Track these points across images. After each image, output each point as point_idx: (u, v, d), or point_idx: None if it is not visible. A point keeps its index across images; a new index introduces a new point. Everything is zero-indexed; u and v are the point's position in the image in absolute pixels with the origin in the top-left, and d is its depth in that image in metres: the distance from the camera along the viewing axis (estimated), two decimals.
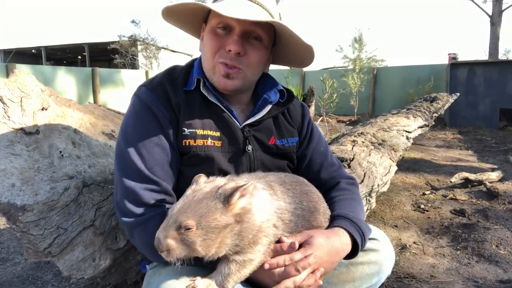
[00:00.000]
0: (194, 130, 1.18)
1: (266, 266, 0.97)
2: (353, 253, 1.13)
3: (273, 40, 1.26)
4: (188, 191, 0.96)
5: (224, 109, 1.22)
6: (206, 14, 1.23)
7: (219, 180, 0.98)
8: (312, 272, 1.00)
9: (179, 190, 1.17)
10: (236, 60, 1.16)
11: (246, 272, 0.96)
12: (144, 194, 1.09)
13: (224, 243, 0.91)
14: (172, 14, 1.21)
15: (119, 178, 1.12)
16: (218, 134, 1.21)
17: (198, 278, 0.95)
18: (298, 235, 1.04)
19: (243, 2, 1.17)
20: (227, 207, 0.90)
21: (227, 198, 0.90)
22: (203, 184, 0.97)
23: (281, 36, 1.24)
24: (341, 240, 1.09)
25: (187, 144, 1.17)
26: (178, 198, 1.15)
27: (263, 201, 0.98)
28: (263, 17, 1.14)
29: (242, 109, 1.31)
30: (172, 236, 0.88)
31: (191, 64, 1.31)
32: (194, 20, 1.27)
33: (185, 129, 1.17)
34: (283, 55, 1.35)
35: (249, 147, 1.24)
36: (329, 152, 1.42)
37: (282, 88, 1.35)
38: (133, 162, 1.11)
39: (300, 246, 1.02)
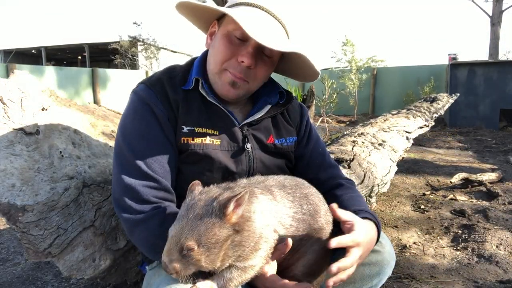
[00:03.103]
0: (192, 128, 1.18)
1: (331, 283, 0.98)
2: None
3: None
4: (184, 206, 0.94)
5: (223, 108, 1.22)
6: (221, 13, 1.21)
7: (214, 191, 0.95)
8: None
9: (178, 187, 1.17)
10: (245, 73, 1.17)
11: (247, 277, 0.96)
12: (144, 191, 1.09)
13: (227, 256, 0.91)
14: (185, 6, 1.20)
15: (118, 174, 1.12)
16: (217, 132, 1.21)
17: (199, 280, 0.95)
18: (344, 239, 1.02)
19: (263, 17, 1.17)
20: (224, 219, 0.88)
21: (222, 210, 0.88)
22: (197, 196, 0.94)
23: (290, 56, 1.25)
24: (373, 231, 1.14)
25: (185, 142, 1.17)
26: (177, 196, 1.16)
27: (262, 207, 0.97)
28: (285, 40, 1.17)
29: (240, 109, 1.31)
30: (176, 260, 0.88)
31: (190, 63, 1.31)
32: (207, 15, 1.25)
33: (183, 127, 1.18)
34: (285, 69, 1.37)
35: (248, 145, 1.24)
36: (327, 154, 1.44)
37: (282, 90, 1.35)
38: (132, 158, 1.11)
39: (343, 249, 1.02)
